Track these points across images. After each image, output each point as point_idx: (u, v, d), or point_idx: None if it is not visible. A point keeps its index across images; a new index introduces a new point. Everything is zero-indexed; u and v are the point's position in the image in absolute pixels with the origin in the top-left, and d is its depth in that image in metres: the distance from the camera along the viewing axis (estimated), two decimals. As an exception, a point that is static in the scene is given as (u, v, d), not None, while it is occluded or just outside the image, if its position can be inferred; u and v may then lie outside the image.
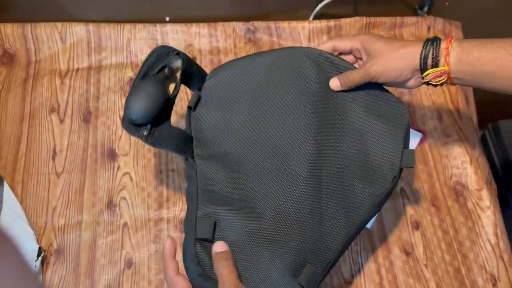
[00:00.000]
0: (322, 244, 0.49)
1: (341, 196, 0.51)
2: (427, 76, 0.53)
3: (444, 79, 0.53)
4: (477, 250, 0.68)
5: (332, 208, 0.50)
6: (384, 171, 0.53)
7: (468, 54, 0.50)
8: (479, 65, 0.50)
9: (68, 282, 0.61)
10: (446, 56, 0.51)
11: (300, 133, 0.52)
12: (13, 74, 0.75)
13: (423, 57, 0.52)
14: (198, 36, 0.80)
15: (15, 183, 0.67)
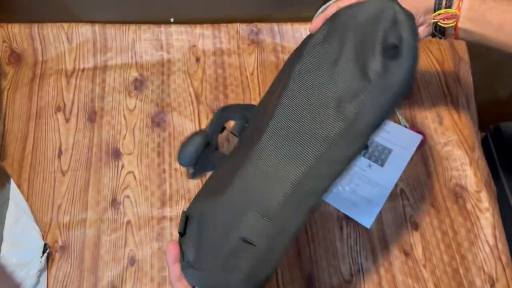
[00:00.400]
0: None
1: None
2: (438, 16, 0.53)
3: (453, 23, 0.53)
4: (476, 251, 0.68)
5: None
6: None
7: (481, 3, 0.51)
8: (489, 15, 0.50)
9: (72, 278, 0.63)
10: (459, 1, 0.52)
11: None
12: (20, 73, 0.76)
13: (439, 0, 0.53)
14: (202, 37, 0.81)
15: (21, 180, 0.68)
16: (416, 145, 0.75)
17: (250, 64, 0.80)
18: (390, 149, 0.74)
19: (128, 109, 0.75)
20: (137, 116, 0.74)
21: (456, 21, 0.53)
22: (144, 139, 0.73)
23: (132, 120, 0.74)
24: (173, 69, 0.79)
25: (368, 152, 0.74)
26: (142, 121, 0.74)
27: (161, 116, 0.75)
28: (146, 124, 0.74)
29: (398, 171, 0.73)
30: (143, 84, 0.77)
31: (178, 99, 0.76)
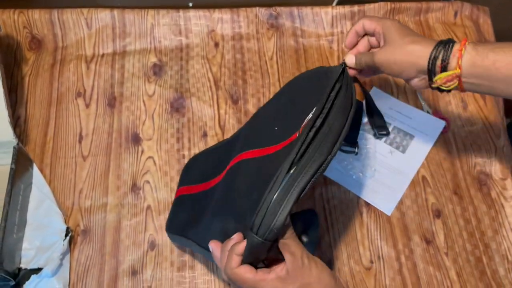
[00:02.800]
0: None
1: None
2: (438, 81, 0.50)
3: (455, 84, 0.49)
4: (500, 240, 0.67)
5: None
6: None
7: (484, 58, 0.47)
8: (494, 69, 0.47)
9: (94, 262, 0.64)
10: (459, 58, 0.48)
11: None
12: (41, 59, 0.77)
13: (432, 58, 0.49)
14: (220, 21, 0.80)
15: (43, 165, 0.69)
16: (439, 131, 0.73)
17: (269, 49, 0.79)
18: (412, 135, 0.73)
19: (147, 95, 0.75)
20: (156, 101, 0.74)
21: (459, 79, 0.49)
22: (163, 124, 0.73)
23: (151, 106, 0.74)
24: (192, 54, 0.78)
25: (389, 138, 0.73)
26: (161, 107, 0.74)
27: (180, 102, 0.75)
28: (165, 110, 0.74)
29: (420, 157, 0.72)
30: (162, 69, 0.77)
31: (197, 84, 0.76)
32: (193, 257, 0.64)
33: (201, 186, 0.62)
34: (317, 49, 0.80)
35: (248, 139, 0.59)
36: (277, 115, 0.59)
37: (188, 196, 0.64)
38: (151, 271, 0.63)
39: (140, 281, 0.63)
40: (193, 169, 0.67)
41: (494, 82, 0.48)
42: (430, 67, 0.50)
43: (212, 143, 0.71)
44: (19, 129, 0.71)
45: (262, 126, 0.60)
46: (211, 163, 0.64)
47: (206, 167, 0.65)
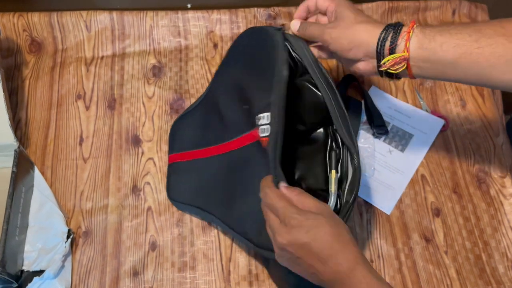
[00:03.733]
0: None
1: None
2: (386, 63, 0.49)
3: (403, 66, 0.48)
4: (499, 238, 0.67)
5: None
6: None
7: (431, 40, 0.46)
8: (441, 51, 0.46)
9: (96, 263, 0.64)
10: (406, 41, 0.47)
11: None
12: (41, 62, 0.77)
13: (381, 39, 0.48)
14: (219, 22, 0.80)
15: (45, 167, 0.70)
16: (438, 130, 0.73)
17: (268, 49, 0.79)
18: (411, 134, 0.73)
19: (147, 96, 0.75)
20: (156, 103, 0.75)
21: (407, 62, 0.48)
22: (163, 126, 0.73)
23: (151, 107, 0.74)
24: (191, 56, 0.79)
25: (388, 137, 0.73)
26: (161, 108, 0.74)
27: (180, 103, 0.75)
28: (165, 111, 0.74)
29: (419, 156, 0.72)
30: (161, 71, 0.77)
31: (196, 85, 0.76)
32: (194, 257, 0.65)
33: (195, 153, 0.65)
34: (316, 49, 0.80)
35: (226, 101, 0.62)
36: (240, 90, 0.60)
37: (184, 163, 0.66)
38: (153, 271, 0.64)
39: (142, 281, 0.63)
40: (180, 134, 0.69)
41: (441, 65, 0.47)
42: (378, 49, 0.49)
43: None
44: (20, 132, 0.72)
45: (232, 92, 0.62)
46: (199, 128, 0.67)
47: (195, 133, 0.67)
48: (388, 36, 0.48)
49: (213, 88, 0.67)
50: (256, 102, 0.55)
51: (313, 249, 0.43)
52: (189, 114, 0.70)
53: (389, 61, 0.48)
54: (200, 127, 0.67)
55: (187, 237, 0.66)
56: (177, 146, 0.69)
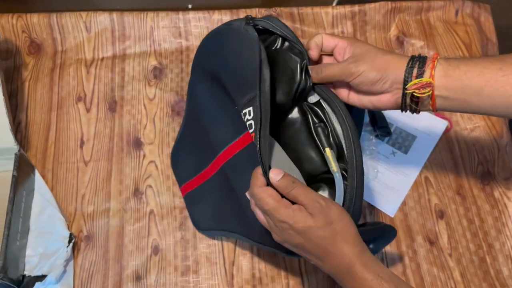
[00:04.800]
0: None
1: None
2: (411, 86, 0.48)
3: (429, 92, 0.48)
4: (503, 240, 0.67)
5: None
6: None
7: (455, 68, 0.47)
8: (466, 79, 0.46)
9: (98, 267, 0.64)
10: (431, 69, 0.48)
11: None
12: (40, 64, 0.76)
13: (409, 66, 0.49)
14: (220, 23, 0.79)
15: (45, 170, 0.69)
16: (441, 132, 0.73)
17: (269, 50, 0.79)
18: (414, 135, 0.73)
19: (148, 98, 0.74)
20: (157, 105, 0.74)
21: (432, 90, 0.48)
22: (164, 128, 0.72)
23: (152, 110, 0.74)
24: (192, 57, 0.77)
25: (392, 139, 0.73)
26: (162, 110, 0.74)
27: (181, 105, 0.74)
28: (166, 113, 0.74)
29: (422, 158, 0.71)
30: (162, 72, 0.76)
31: (198, 87, 0.76)
32: (197, 261, 0.64)
33: (198, 179, 0.64)
34: (318, 50, 0.79)
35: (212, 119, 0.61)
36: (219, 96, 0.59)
37: (193, 192, 0.65)
38: (155, 276, 0.63)
39: (144, 286, 0.63)
40: (181, 164, 0.68)
41: (466, 95, 0.47)
42: (406, 76, 0.49)
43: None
44: (20, 135, 0.71)
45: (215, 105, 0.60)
46: (193, 153, 0.66)
47: (192, 159, 0.66)
48: (415, 64, 0.49)
49: (190, 106, 0.67)
50: (239, 103, 0.52)
51: (307, 249, 0.45)
52: (181, 140, 0.69)
53: (415, 84, 0.48)
54: (193, 151, 0.66)
55: (190, 241, 0.65)
56: (183, 177, 0.67)
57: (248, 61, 0.50)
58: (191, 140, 0.67)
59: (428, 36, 0.80)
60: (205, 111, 0.62)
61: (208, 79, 0.61)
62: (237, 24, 0.55)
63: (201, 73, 0.63)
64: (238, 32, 0.54)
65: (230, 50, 0.55)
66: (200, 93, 0.63)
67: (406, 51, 0.79)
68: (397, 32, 0.80)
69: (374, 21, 0.80)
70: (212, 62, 0.59)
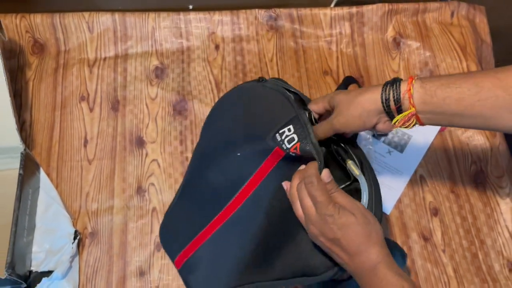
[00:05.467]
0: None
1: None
2: (397, 123, 0.51)
3: (414, 122, 0.50)
4: (495, 236, 0.69)
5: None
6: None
7: (433, 96, 0.48)
8: (445, 105, 0.47)
9: (102, 263, 0.65)
10: (409, 98, 0.49)
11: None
12: (44, 63, 0.77)
13: (384, 100, 0.50)
14: (221, 24, 0.81)
15: (50, 169, 0.70)
16: (436, 131, 0.75)
17: (269, 51, 0.81)
18: (410, 135, 0.75)
19: (150, 98, 0.76)
20: (159, 104, 0.76)
21: (416, 115, 0.50)
22: (166, 127, 0.74)
23: (154, 109, 0.75)
24: (193, 57, 0.79)
25: (388, 138, 0.75)
26: (164, 110, 0.75)
27: (182, 104, 0.76)
28: (168, 113, 0.75)
29: (417, 157, 0.73)
30: (164, 72, 0.78)
31: (199, 87, 0.77)
32: (198, 257, 0.66)
33: (197, 241, 0.60)
34: (316, 50, 0.81)
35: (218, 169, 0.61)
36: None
37: (190, 259, 0.61)
38: (158, 271, 0.65)
39: (148, 281, 0.65)
40: (172, 236, 0.65)
41: (449, 116, 0.48)
42: (386, 110, 0.50)
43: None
44: (24, 134, 0.72)
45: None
46: (190, 214, 0.63)
47: (188, 222, 0.63)
48: (389, 96, 0.50)
49: (194, 167, 0.66)
50: (270, 132, 0.55)
51: (342, 244, 0.47)
52: (171, 214, 0.67)
53: (399, 120, 0.50)
54: (187, 217, 0.63)
55: (192, 238, 0.67)
56: (176, 248, 0.63)
57: (275, 100, 0.57)
58: (186, 207, 0.64)
59: (424, 37, 0.81)
60: (217, 163, 0.62)
61: (218, 137, 0.63)
62: (250, 83, 0.61)
63: (212, 133, 0.66)
64: (255, 86, 0.60)
65: (254, 99, 0.60)
66: (210, 150, 0.64)
67: (402, 52, 0.81)
68: (394, 33, 0.82)
69: (371, 22, 0.82)
70: (229, 115, 0.63)
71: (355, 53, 0.81)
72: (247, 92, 0.62)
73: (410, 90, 0.49)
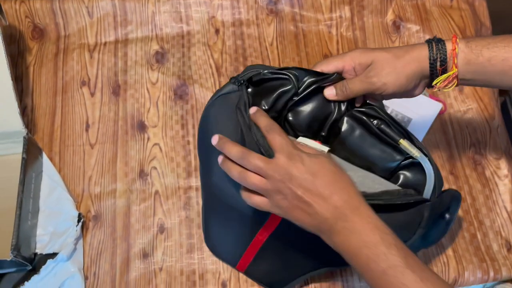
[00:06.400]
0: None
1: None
2: (439, 84, 0.49)
3: (455, 83, 0.49)
4: (493, 217, 0.70)
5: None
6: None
7: (478, 55, 0.47)
8: (490, 66, 0.47)
9: (106, 245, 0.66)
10: (454, 57, 0.47)
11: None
12: (44, 49, 0.77)
13: (432, 61, 0.48)
14: (220, 8, 0.81)
15: (52, 153, 0.71)
16: (436, 114, 0.75)
17: (269, 35, 0.81)
18: (410, 117, 0.75)
19: (151, 82, 0.76)
20: (160, 89, 0.76)
21: (457, 77, 0.49)
22: (167, 111, 0.74)
23: (155, 93, 0.75)
24: (193, 41, 0.79)
25: (388, 121, 0.75)
26: (165, 94, 0.76)
27: (183, 89, 0.76)
28: (169, 97, 0.75)
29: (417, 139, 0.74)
30: (164, 56, 0.78)
31: (199, 71, 0.77)
32: (201, 239, 0.67)
33: (250, 251, 0.61)
34: (316, 34, 0.81)
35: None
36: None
37: (252, 263, 0.62)
38: (162, 253, 0.66)
39: (151, 263, 0.66)
40: (224, 241, 0.65)
41: (489, 77, 0.48)
42: (432, 71, 0.49)
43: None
44: (26, 119, 0.73)
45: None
46: (229, 232, 0.63)
47: (230, 238, 0.63)
48: (436, 56, 0.48)
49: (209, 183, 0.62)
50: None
51: (315, 184, 0.44)
52: (209, 224, 0.66)
53: (441, 81, 0.49)
54: (227, 232, 0.63)
55: (195, 220, 0.68)
56: (232, 256, 0.64)
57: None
58: (221, 217, 0.63)
59: (424, 20, 0.82)
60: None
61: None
62: (228, 91, 0.55)
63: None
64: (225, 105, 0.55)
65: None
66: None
67: (402, 35, 0.81)
68: (393, 16, 0.82)
69: (371, 6, 0.82)
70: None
71: (355, 36, 0.81)
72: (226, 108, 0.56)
73: (455, 49, 0.47)
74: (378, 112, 0.53)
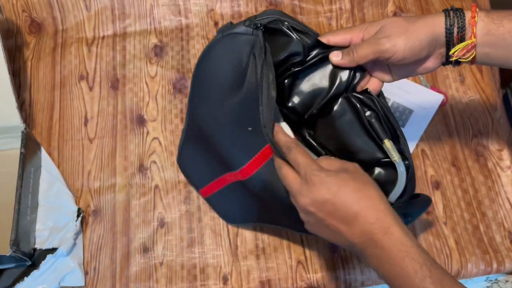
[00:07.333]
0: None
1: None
2: (456, 52, 0.46)
3: (473, 54, 0.46)
4: (496, 209, 0.69)
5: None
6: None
7: (499, 26, 0.45)
8: (510, 38, 0.44)
9: (106, 240, 0.66)
10: (473, 26, 0.45)
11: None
12: (41, 43, 0.77)
13: (448, 26, 0.45)
14: (219, 0, 0.80)
15: (51, 148, 0.70)
16: (437, 105, 0.75)
17: (268, 27, 0.80)
18: (411, 109, 0.75)
19: (150, 76, 0.76)
20: (159, 82, 0.75)
21: (475, 48, 0.46)
22: (167, 105, 0.74)
23: (154, 87, 0.75)
24: (192, 34, 0.79)
25: (389, 113, 0.74)
26: (164, 88, 0.75)
27: (182, 82, 0.75)
28: (168, 91, 0.75)
29: (419, 131, 0.73)
30: (163, 50, 0.77)
31: (198, 64, 0.77)
32: (202, 233, 0.66)
33: (216, 183, 0.62)
34: (316, 26, 0.80)
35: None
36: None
37: (216, 193, 0.63)
38: (162, 247, 0.66)
39: (152, 257, 0.65)
40: (191, 170, 0.66)
41: (508, 50, 0.45)
42: (448, 38, 0.46)
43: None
44: (24, 113, 0.72)
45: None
46: (202, 161, 0.63)
47: (202, 166, 0.63)
48: (454, 22, 0.46)
49: (195, 118, 0.62)
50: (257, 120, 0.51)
51: (337, 206, 0.41)
52: (185, 146, 0.65)
53: (459, 49, 0.46)
54: (203, 157, 0.63)
55: (195, 214, 0.67)
56: (198, 181, 0.66)
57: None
58: (199, 145, 0.63)
59: (425, 11, 0.81)
60: (214, 129, 0.59)
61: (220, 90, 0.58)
62: (239, 32, 0.52)
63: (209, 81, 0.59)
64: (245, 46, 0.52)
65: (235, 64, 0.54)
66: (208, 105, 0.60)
67: (403, 26, 0.80)
68: (394, 7, 0.81)
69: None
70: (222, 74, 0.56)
71: (355, 28, 0.80)
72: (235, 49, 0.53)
73: (475, 17, 0.45)
74: (375, 103, 0.52)
